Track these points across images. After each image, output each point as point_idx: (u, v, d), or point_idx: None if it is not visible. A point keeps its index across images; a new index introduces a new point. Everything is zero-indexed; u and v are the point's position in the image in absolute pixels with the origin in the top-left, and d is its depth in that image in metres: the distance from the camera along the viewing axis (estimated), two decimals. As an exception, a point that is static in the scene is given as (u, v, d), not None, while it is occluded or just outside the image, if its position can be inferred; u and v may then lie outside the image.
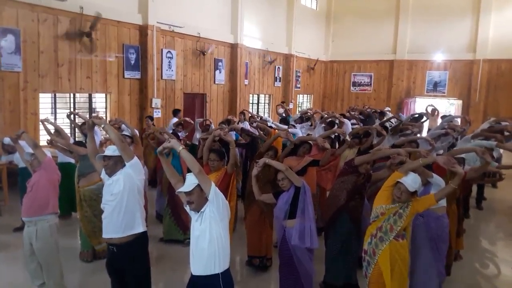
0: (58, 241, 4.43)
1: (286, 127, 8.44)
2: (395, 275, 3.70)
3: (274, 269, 4.91)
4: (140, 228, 3.66)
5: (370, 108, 13.28)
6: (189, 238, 5.86)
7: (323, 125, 8.91)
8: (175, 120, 9.81)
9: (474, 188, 8.23)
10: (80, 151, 5.37)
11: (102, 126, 3.74)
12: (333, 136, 6.83)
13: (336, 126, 8.48)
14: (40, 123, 7.43)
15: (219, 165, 4.68)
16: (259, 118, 10.86)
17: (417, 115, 11.29)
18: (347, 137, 6.12)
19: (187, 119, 9.17)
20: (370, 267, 3.80)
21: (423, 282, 4.36)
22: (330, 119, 9.14)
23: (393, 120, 10.30)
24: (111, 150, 3.63)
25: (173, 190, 6.06)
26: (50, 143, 5.90)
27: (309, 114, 10.45)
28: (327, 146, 5.37)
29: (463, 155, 5.22)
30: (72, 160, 6.63)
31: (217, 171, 4.62)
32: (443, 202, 4.45)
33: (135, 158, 3.67)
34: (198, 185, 3.01)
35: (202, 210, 3.03)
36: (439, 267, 4.39)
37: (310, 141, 5.71)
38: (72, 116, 7.74)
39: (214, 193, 3.00)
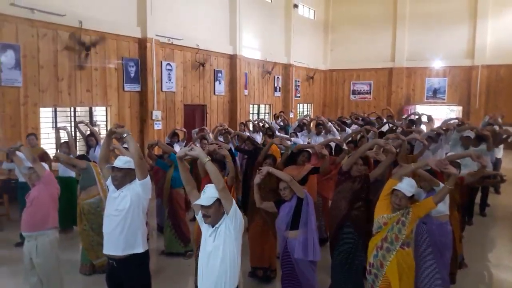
0: (58, 256, 4.41)
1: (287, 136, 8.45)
2: (403, 284, 3.67)
3: (278, 281, 4.87)
4: (140, 248, 3.59)
5: (375, 113, 13.25)
6: (191, 250, 5.86)
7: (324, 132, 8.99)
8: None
9: (478, 195, 8.20)
10: (81, 165, 5.39)
11: (125, 135, 3.59)
12: (333, 145, 6.79)
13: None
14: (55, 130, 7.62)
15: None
16: (263, 124, 10.94)
17: (414, 118, 11.26)
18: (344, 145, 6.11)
19: (178, 128, 9.19)
20: (377, 280, 3.75)
21: (427, 289, 4.31)
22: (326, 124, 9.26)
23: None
24: (121, 162, 3.53)
25: (173, 202, 6.11)
26: (57, 159, 5.92)
27: (304, 121, 10.50)
28: (325, 153, 5.33)
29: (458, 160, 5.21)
30: (73, 174, 6.65)
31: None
32: (446, 210, 4.42)
33: (148, 177, 3.58)
34: (218, 200, 2.92)
35: (217, 226, 2.94)
36: (444, 274, 4.34)
37: (308, 149, 5.70)
38: (80, 125, 7.84)
39: (235, 211, 2.93)
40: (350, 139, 7.61)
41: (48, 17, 8.77)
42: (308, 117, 11.25)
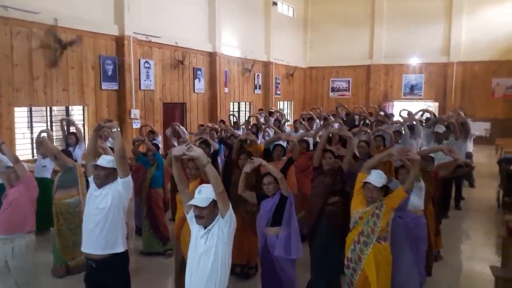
0: (34, 259, 4.32)
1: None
2: (380, 278, 3.72)
3: (259, 277, 4.89)
4: (120, 248, 3.55)
5: (362, 107, 13.56)
6: (170, 249, 5.83)
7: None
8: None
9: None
10: (67, 163, 5.28)
11: (114, 130, 3.52)
12: (311, 140, 6.84)
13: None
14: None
15: (198, 174, 4.62)
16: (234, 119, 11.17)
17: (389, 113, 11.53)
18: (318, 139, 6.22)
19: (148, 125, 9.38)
20: (356, 274, 3.80)
21: (404, 282, 4.39)
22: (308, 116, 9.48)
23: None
24: (105, 161, 3.49)
25: (151, 202, 6.07)
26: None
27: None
28: (291, 139, 5.50)
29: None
30: (49, 175, 6.53)
31: (196, 180, 4.56)
32: (421, 205, 4.52)
33: (129, 176, 3.55)
34: (214, 201, 2.88)
35: (209, 228, 2.91)
36: (420, 267, 4.44)
37: (281, 144, 5.80)
38: (64, 123, 7.88)
39: (230, 215, 2.91)
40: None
41: (22, 14, 8.57)
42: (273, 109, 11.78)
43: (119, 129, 3.60)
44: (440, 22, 19.07)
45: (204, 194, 2.89)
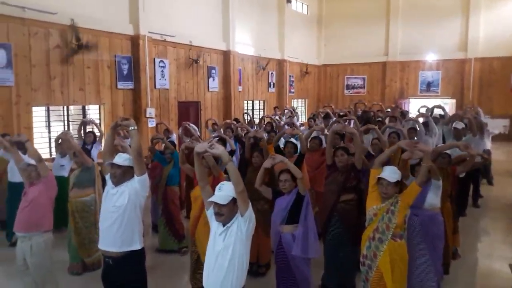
0: (52, 257, 4.38)
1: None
2: (395, 276, 3.69)
3: (272, 275, 4.89)
4: (137, 245, 3.57)
5: (381, 105, 13.47)
6: (185, 247, 5.87)
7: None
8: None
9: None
10: (87, 162, 5.35)
11: (131, 128, 3.54)
12: (322, 136, 6.84)
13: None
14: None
15: (209, 172, 4.62)
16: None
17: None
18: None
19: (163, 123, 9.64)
20: (371, 271, 3.77)
21: (421, 281, 4.35)
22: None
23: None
24: (121, 159, 3.50)
25: (167, 200, 6.11)
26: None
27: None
28: (296, 132, 5.70)
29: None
30: (66, 174, 6.62)
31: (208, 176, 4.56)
32: (438, 203, 4.46)
33: (146, 174, 3.55)
34: (233, 199, 2.90)
35: (228, 225, 2.92)
36: (437, 265, 4.38)
37: (293, 141, 5.87)
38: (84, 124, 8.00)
39: (250, 214, 2.91)
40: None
41: (39, 15, 8.69)
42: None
43: (136, 127, 3.61)
44: (457, 18, 18.76)
45: (224, 191, 2.90)
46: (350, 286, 4.69)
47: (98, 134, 7.99)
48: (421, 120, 8.66)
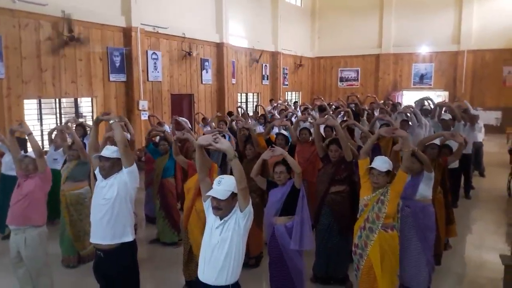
0: (46, 249, 4.36)
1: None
2: (385, 266, 3.72)
3: (265, 266, 4.91)
4: (129, 237, 3.57)
5: (375, 97, 13.41)
6: (181, 239, 5.84)
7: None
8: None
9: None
10: (85, 157, 5.31)
11: (111, 122, 3.58)
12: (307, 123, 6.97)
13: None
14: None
15: None
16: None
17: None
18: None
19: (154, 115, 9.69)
20: (362, 260, 3.82)
21: (412, 272, 4.39)
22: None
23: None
24: (109, 151, 3.50)
25: (165, 192, 6.10)
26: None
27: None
28: (284, 123, 5.86)
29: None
30: (59, 167, 6.57)
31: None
32: (429, 194, 4.50)
33: (134, 165, 3.55)
34: (232, 194, 2.87)
35: (226, 219, 2.90)
36: (428, 256, 4.42)
37: (284, 133, 5.97)
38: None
39: (249, 210, 2.90)
40: None
41: (30, 6, 8.58)
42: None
43: (117, 120, 3.64)
44: (450, 10, 18.79)
45: (223, 186, 2.86)
46: (341, 276, 4.73)
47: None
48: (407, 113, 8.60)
